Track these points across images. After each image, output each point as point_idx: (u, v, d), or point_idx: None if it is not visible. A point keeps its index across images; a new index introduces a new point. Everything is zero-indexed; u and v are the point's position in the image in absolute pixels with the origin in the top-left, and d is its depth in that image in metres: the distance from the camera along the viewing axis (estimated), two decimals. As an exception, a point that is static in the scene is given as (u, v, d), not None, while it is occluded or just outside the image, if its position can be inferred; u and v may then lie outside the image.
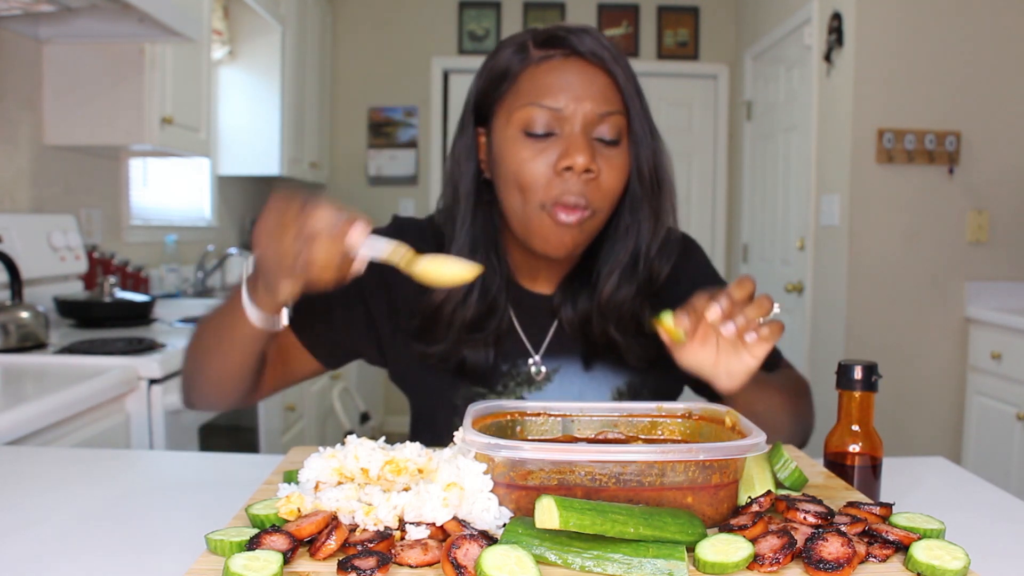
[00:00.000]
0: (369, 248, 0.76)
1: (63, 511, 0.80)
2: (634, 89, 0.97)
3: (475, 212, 1.00)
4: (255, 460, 1.00)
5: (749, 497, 0.72)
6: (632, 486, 0.66)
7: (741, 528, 0.63)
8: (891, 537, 0.62)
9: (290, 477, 0.77)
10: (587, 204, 0.93)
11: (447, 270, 0.79)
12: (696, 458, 0.66)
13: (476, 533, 0.61)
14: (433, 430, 1.07)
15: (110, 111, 2.28)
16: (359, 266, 0.77)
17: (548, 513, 0.59)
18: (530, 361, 1.04)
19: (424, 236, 1.06)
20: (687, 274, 1.08)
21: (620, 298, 1.00)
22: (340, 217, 0.75)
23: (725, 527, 0.64)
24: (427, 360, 1.02)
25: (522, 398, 1.01)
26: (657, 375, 1.06)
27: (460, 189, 1.01)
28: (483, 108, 1.00)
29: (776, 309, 0.81)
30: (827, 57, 3.21)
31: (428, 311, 1.01)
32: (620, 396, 1.04)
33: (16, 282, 1.77)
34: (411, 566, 0.59)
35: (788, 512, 0.67)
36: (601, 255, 1.02)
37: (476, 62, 4.78)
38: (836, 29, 3.13)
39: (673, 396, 1.08)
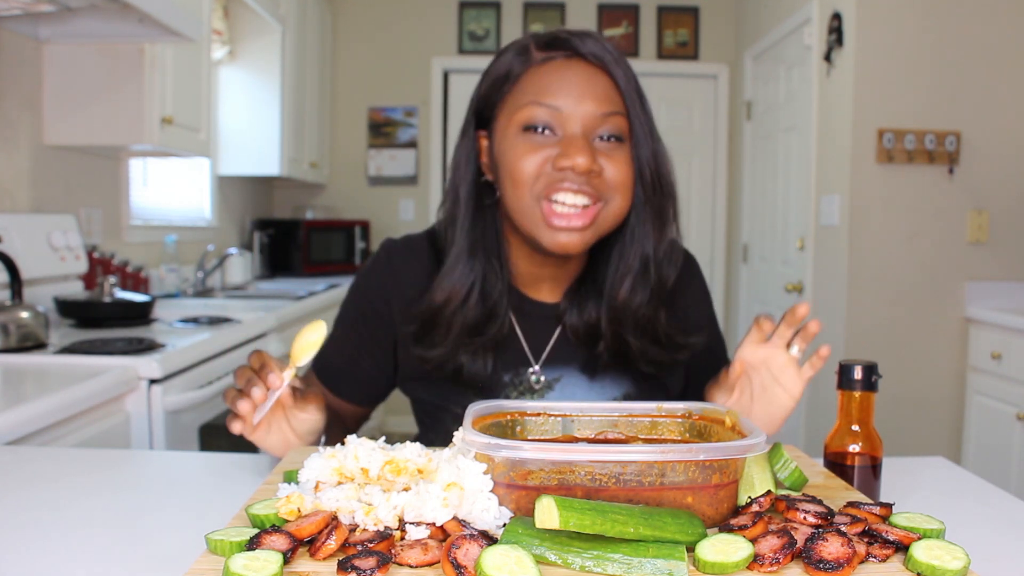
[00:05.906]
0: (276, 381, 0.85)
1: (63, 511, 0.80)
2: (635, 91, 0.97)
3: (476, 215, 1.01)
4: (255, 460, 1.00)
5: (749, 497, 0.72)
6: (632, 486, 0.66)
7: (741, 528, 0.63)
8: (891, 537, 0.62)
9: (290, 477, 0.77)
10: (597, 196, 0.94)
11: (304, 340, 0.85)
12: (696, 458, 0.66)
13: (476, 533, 0.61)
14: (435, 440, 1.07)
15: (110, 111, 2.28)
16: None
17: (548, 513, 0.59)
18: (530, 371, 1.04)
19: (415, 254, 1.07)
20: (691, 290, 1.12)
21: (636, 303, 1.00)
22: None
23: (725, 527, 0.64)
24: (425, 364, 1.02)
25: None
26: (656, 387, 1.07)
27: (461, 192, 1.01)
28: (485, 111, 1.01)
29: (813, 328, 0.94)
30: (827, 57, 3.21)
31: (428, 314, 1.00)
32: None
33: (16, 282, 1.76)
34: (411, 566, 0.59)
35: (788, 512, 0.67)
36: (611, 261, 1.03)
37: (476, 62, 4.79)
38: (836, 29, 3.13)
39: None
